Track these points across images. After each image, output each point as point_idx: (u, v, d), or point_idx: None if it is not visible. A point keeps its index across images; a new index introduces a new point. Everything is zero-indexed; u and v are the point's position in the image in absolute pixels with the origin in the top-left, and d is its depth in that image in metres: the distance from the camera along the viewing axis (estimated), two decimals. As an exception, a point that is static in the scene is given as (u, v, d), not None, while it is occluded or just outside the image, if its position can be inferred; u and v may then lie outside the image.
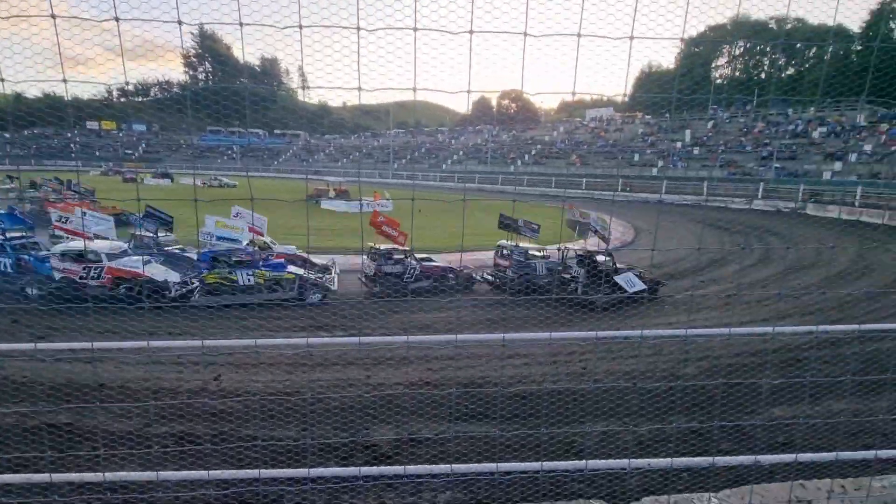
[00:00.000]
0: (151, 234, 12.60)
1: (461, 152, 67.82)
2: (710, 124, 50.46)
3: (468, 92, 1.64)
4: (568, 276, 11.86)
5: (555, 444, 5.37)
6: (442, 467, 3.40)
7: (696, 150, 47.00)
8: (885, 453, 2.23)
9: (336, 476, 3.31)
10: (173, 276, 10.82)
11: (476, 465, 3.93)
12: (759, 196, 32.54)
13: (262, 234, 12.94)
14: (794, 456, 2.10)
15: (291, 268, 11.68)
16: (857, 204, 26.43)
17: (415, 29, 1.49)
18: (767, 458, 2.75)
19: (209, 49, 56.36)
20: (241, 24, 1.56)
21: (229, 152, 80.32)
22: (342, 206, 29.71)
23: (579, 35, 1.57)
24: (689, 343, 7.66)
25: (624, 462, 2.14)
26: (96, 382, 6.13)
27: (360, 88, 1.62)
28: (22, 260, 10.59)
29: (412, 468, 3.34)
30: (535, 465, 1.93)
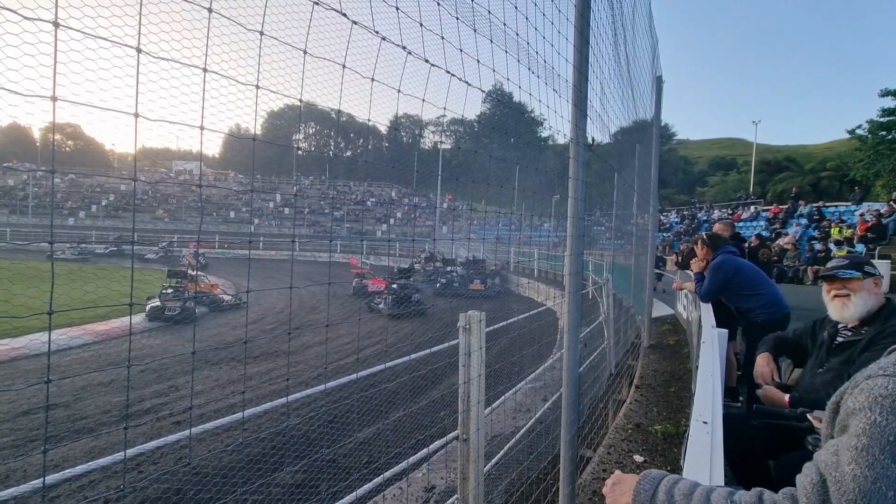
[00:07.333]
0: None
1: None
2: (295, 188, 57.13)
3: None
4: None
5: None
6: None
7: (286, 210, 51.79)
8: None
9: None
10: None
11: None
12: (338, 251, 39.23)
13: None
14: (380, 477, 2.68)
15: None
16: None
17: None
18: (363, 489, 3.36)
19: None
20: None
21: None
22: None
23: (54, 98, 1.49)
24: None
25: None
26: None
27: None
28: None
29: None
30: None
